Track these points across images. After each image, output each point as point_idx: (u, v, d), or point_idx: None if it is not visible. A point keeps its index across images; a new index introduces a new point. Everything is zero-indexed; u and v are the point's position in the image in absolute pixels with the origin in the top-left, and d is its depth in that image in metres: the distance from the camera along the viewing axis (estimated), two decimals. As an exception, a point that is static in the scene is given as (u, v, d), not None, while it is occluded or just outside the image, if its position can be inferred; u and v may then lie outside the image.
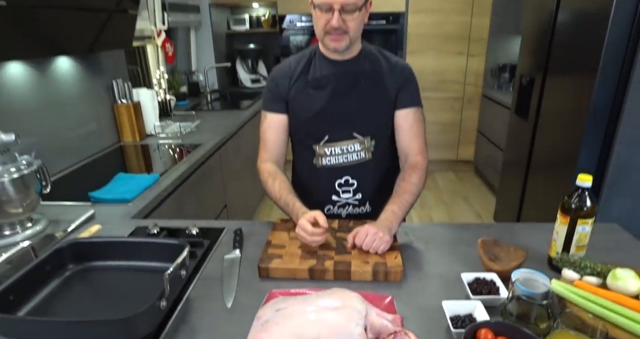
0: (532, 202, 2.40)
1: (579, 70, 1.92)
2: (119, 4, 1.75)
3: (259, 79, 3.98)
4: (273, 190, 1.15)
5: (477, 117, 3.75)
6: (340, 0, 1.01)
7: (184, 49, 3.57)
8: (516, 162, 2.58)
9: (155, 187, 1.50)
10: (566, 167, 2.00)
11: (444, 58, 3.59)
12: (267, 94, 1.22)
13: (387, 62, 1.19)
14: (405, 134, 1.19)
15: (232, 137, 2.39)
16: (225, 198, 2.28)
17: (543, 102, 2.25)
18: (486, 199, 3.43)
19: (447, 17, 3.47)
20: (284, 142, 1.24)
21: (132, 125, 2.08)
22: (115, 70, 2.10)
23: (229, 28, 4.00)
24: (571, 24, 1.98)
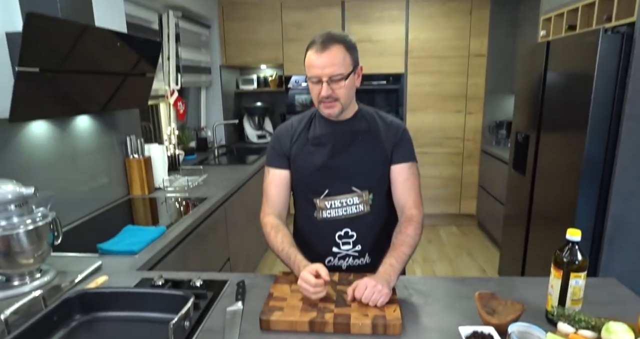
0: (535, 256, 2.40)
1: (570, 128, 2.02)
2: (136, 67, 1.91)
3: (264, 135, 4.14)
4: (275, 242, 1.19)
5: (477, 171, 3.83)
6: (326, 72, 1.12)
7: (194, 106, 3.78)
8: (517, 216, 2.61)
9: (162, 239, 1.54)
10: (565, 221, 2.03)
11: (443, 115, 3.76)
12: (271, 150, 1.31)
13: (382, 121, 1.28)
14: (401, 187, 1.24)
15: (238, 191, 2.46)
16: (228, 251, 2.30)
17: (539, 158, 2.32)
18: (490, 253, 3.40)
19: (444, 78, 3.69)
20: (286, 196, 1.30)
21: (141, 179, 2.17)
22: (129, 126, 2.23)
23: (238, 87, 4.24)
24: (559, 85, 2.12)
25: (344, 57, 1.14)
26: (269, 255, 3.34)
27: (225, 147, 3.87)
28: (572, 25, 2.23)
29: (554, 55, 2.17)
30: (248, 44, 3.80)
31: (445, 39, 3.62)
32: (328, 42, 1.12)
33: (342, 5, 3.64)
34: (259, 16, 3.73)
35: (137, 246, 1.42)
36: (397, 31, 3.61)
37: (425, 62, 3.68)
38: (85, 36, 1.50)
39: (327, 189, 1.23)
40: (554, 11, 2.40)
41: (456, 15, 3.57)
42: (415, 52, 3.66)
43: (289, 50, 3.77)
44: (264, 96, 4.33)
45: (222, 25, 3.77)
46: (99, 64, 1.65)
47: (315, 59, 1.13)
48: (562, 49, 2.09)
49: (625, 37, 1.76)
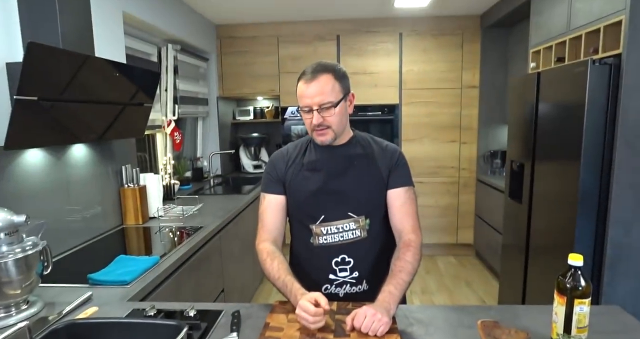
0: (535, 285, 2.35)
1: (563, 156, 2.04)
2: (134, 97, 1.93)
3: (260, 165, 4.15)
4: (272, 270, 1.16)
5: (473, 201, 3.83)
6: (316, 101, 1.14)
7: (191, 136, 3.80)
8: (515, 245, 2.59)
9: (155, 269, 1.50)
10: (564, 249, 2.01)
11: (438, 145, 3.80)
12: (266, 176, 1.30)
13: (377, 146, 1.29)
14: (398, 212, 1.23)
15: (233, 221, 2.43)
16: (223, 282, 2.24)
17: (535, 186, 2.33)
18: (489, 283, 3.34)
19: (438, 109, 3.76)
20: (282, 222, 1.29)
21: (136, 208, 2.14)
22: (125, 155, 2.22)
23: (235, 118, 4.29)
24: (551, 114, 2.16)
25: (333, 85, 1.16)
26: (264, 286, 3.26)
27: (220, 177, 3.86)
28: (560, 57, 2.30)
29: (545, 86, 2.22)
30: (245, 76, 3.88)
31: (438, 71, 3.72)
32: (317, 72, 1.15)
33: (337, 39, 3.76)
34: (256, 50, 3.83)
35: (129, 276, 1.38)
36: (391, 63, 3.71)
37: (419, 94, 3.76)
38: (85, 66, 1.53)
39: (323, 215, 1.22)
40: (542, 44, 2.49)
41: (448, 48, 3.69)
42: (409, 83, 3.75)
43: (285, 82, 3.85)
44: (260, 126, 4.38)
45: (220, 58, 3.87)
46: (98, 93, 1.67)
47: (305, 89, 1.15)
48: (553, 80, 2.15)
49: (612, 68, 1.82)
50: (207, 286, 2.00)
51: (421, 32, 3.69)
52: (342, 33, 3.75)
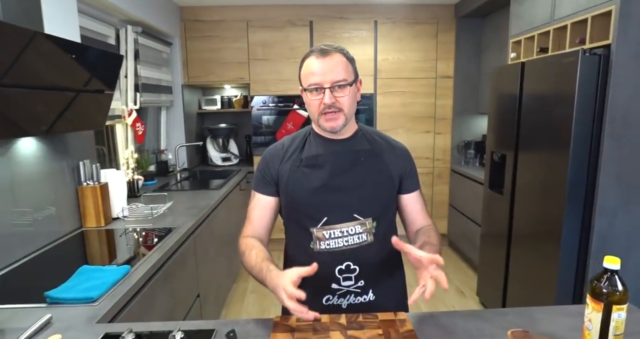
0: (517, 275, 2.35)
1: (550, 146, 2.01)
2: (92, 83, 1.69)
3: (229, 158, 3.94)
4: (249, 260, 1.04)
5: (447, 191, 3.83)
6: (329, 78, 1.02)
7: (154, 127, 3.52)
8: (496, 235, 2.58)
9: (126, 281, 1.31)
10: (550, 239, 2.00)
11: (413, 136, 3.75)
12: (258, 174, 1.17)
13: (385, 142, 1.18)
14: (420, 213, 1.18)
15: (207, 219, 2.25)
16: (198, 287, 2.06)
17: (518, 177, 2.31)
18: (465, 273, 3.35)
19: (413, 99, 3.70)
20: (270, 221, 1.17)
21: (97, 208, 1.91)
22: (83, 150, 1.97)
23: (201, 108, 4.03)
24: (536, 105, 2.13)
25: (347, 64, 1.05)
26: (238, 285, 3.09)
27: (187, 171, 3.62)
28: (543, 47, 2.27)
29: (530, 76, 2.19)
30: (212, 63, 3.64)
31: (413, 60, 3.65)
32: (328, 50, 1.04)
33: (310, 25, 3.59)
34: (224, 35, 3.59)
35: (96, 291, 1.19)
36: (366, 52, 3.59)
37: (394, 83, 3.68)
38: (32, 45, 1.29)
39: (326, 217, 1.08)
40: (524, 34, 2.45)
41: (423, 37, 3.62)
42: (384, 73, 3.66)
43: (255, 70, 3.64)
44: (228, 116, 4.15)
45: (184, 43, 3.59)
46: (48, 78, 1.43)
47: (316, 65, 1.02)
48: (538, 70, 2.12)
49: (602, 59, 1.79)
50: (182, 293, 1.82)
51: (396, 20, 3.60)
52: (315, 19, 3.59)
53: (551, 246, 2.00)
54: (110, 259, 1.62)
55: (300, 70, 1.08)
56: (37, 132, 1.50)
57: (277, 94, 3.67)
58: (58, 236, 1.77)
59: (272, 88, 3.66)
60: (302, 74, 1.07)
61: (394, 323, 0.97)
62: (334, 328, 0.94)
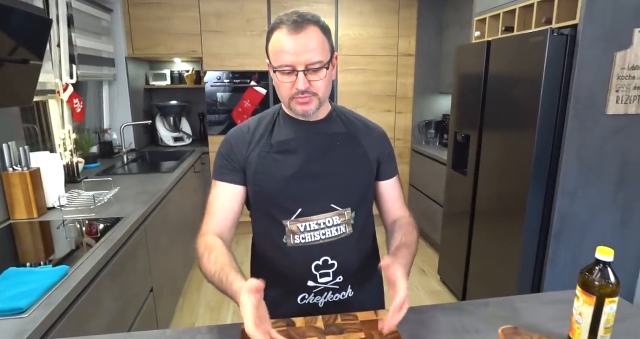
0: (479, 254, 2.38)
1: (515, 127, 2.00)
2: (14, 52, 1.43)
3: (182, 137, 3.68)
4: (207, 265, 0.89)
5: (408, 171, 3.83)
6: (302, 60, 0.88)
7: (95, 104, 3.19)
8: (458, 215, 2.59)
9: (64, 284, 1.13)
10: (513, 219, 2.02)
11: (374, 115, 3.67)
12: (220, 160, 1.01)
13: (361, 123, 1.08)
14: (396, 201, 1.09)
15: (159, 205, 2.06)
16: (151, 280, 1.89)
17: (482, 157, 2.31)
18: (426, 252, 3.40)
19: (374, 77, 3.61)
20: (235, 214, 1.02)
21: (27, 198, 1.67)
22: (6, 131, 1.70)
23: (148, 83, 3.70)
24: (502, 84, 2.10)
25: (323, 41, 0.90)
26: (195, 272, 2.93)
27: (135, 151, 3.34)
28: (508, 26, 2.23)
29: (496, 55, 2.15)
30: (159, 34, 3.31)
31: (374, 37, 3.54)
32: (302, 23, 0.88)
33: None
34: (173, 2, 3.27)
35: (25, 299, 1.01)
36: (326, 26, 3.42)
37: (356, 60, 3.56)
38: None
39: (300, 208, 0.97)
40: (488, 12, 2.40)
41: (385, 13, 3.50)
42: (346, 49, 3.52)
43: (208, 42, 3.37)
44: (179, 93, 3.86)
45: (127, 9, 3.23)
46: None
47: (287, 43, 0.87)
48: (504, 49, 2.08)
49: (569, 39, 1.77)
50: (133, 289, 1.65)
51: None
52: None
53: (514, 225, 2.02)
54: (46, 257, 1.41)
55: (268, 43, 0.92)
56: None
57: (232, 70, 3.44)
58: (-20, 231, 1.53)
59: (227, 63, 3.42)
60: (271, 49, 0.91)
61: (376, 324, 0.88)
62: (311, 334, 0.85)
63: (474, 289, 2.46)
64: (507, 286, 2.09)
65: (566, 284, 1.98)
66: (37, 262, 1.30)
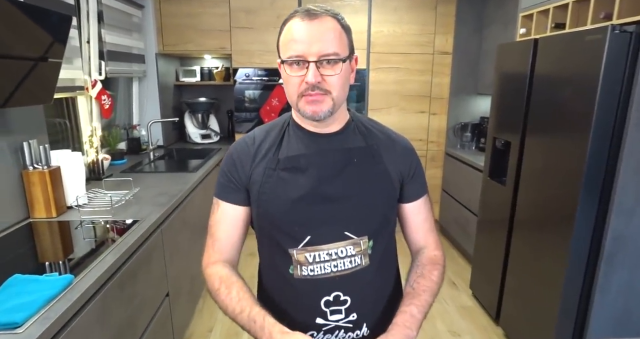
0: (517, 270, 2.19)
1: (565, 133, 1.80)
2: (33, 48, 1.40)
3: (209, 135, 3.65)
4: (229, 302, 0.81)
5: (440, 175, 3.64)
6: (315, 49, 0.76)
7: (125, 100, 3.20)
8: (495, 225, 2.40)
9: (68, 295, 1.07)
10: (558, 234, 1.83)
11: (406, 116, 3.51)
12: (222, 177, 0.91)
13: (384, 136, 0.94)
14: (420, 228, 0.95)
15: (179, 207, 2.00)
16: (167, 284, 1.84)
17: (523, 166, 2.11)
18: (457, 263, 3.21)
19: (408, 76, 3.44)
20: (241, 240, 0.93)
21: (46, 196, 1.64)
22: (28, 129, 1.68)
23: (178, 79, 3.70)
24: (550, 87, 1.90)
25: (340, 33, 0.79)
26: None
27: (163, 148, 3.33)
28: (559, 23, 2.03)
29: (544, 55, 1.95)
30: (190, 30, 3.28)
31: (409, 34, 3.36)
32: (318, 13, 0.77)
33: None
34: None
35: (22, 312, 0.95)
36: (359, 23, 3.28)
37: (388, 58, 3.40)
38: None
39: (309, 235, 0.85)
40: (536, 7, 2.20)
41: (421, 9, 3.32)
42: (378, 47, 3.36)
43: (237, 39, 3.31)
44: (209, 89, 3.83)
45: (158, 5, 3.22)
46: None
47: (300, 30, 0.76)
48: (555, 48, 1.88)
49: (633, 37, 1.56)
50: (146, 294, 1.59)
51: (393, -13, 3.28)
52: (305, -17, 3.24)
53: (559, 241, 1.83)
54: (63, 256, 1.37)
55: (280, 36, 0.82)
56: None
57: (262, 67, 3.36)
58: (0, 229, 1.52)
59: (256, 60, 3.35)
60: (282, 41, 0.81)
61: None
62: None
63: (509, 307, 2.27)
64: (547, 308, 1.90)
65: (618, 316, 1.78)
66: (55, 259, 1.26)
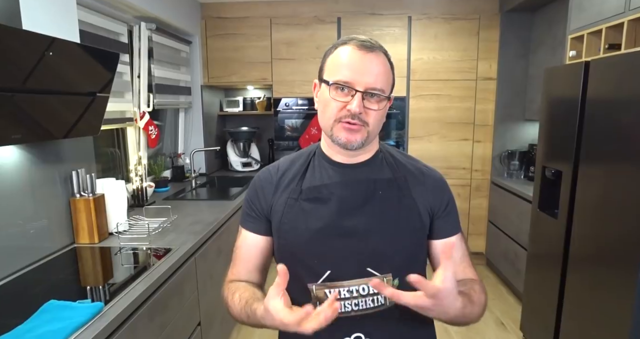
0: (574, 311, 1.97)
1: (623, 162, 1.64)
2: (81, 85, 1.49)
3: (250, 163, 3.73)
4: (233, 307, 0.81)
5: (486, 205, 3.45)
6: (365, 81, 0.76)
7: (171, 130, 3.36)
8: (547, 261, 2.21)
9: (97, 323, 1.08)
10: (622, 272, 1.63)
11: (448, 144, 3.40)
12: (245, 205, 0.91)
13: (413, 167, 0.89)
14: (458, 266, 0.87)
15: (214, 235, 2.02)
16: (199, 313, 1.83)
17: (577, 197, 1.94)
18: (506, 301, 2.97)
19: (449, 103, 3.35)
20: (263, 264, 0.91)
21: (90, 223, 1.72)
22: (78, 158, 1.79)
23: (222, 110, 3.84)
24: (604, 112, 1.76)
25: (388, 72, 0.79)
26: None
27: (205, 176, 3.43)
28: (613, 44, 1.90)
29: (596, 78, 1.82)
30: (233, 63, 3.43)
31: (450, 60, 3.30)
32: (373, 45, 0.78)
33: (338, 22, 3.31)
34: (246, 33, 3.38)
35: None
36: (398, 51, 3.28)
37: (429, 85, 3.35)
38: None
39: (329, 270, 0.81)
40: (587, 28, 2.08)
41: (462, 35, 3.27)
42: (418, 74, 3.33)
43: (278, 70, 3.41)
44: (250, 119, 3.94)
45: (204, 41, 3.41)
46: (19, 79, 1.23)
47: (354, 58, 0.76)
48: (608, 71, 1.75)
49: (698, 56, 1.42)
50: (177, 323, 1.59)
51: (432, 15, 3.26)
52: (344, 15, 3.31)
53: (622, 283, 1.64)
54: (102, 281, 1.41)
55: (327, 58, 0.82)
56: (11, 141, 1.30)
57: (301, 96, 3.42)
58: (47, 253, 1.59)
59: (296, 90, 3.42)
60: (330, 62, 0.81)
61: None
62: None
63: (566, 355, 2.04)
64: (611, 360, 1.69)
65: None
66: (95, 283, 1.30)
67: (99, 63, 1.53)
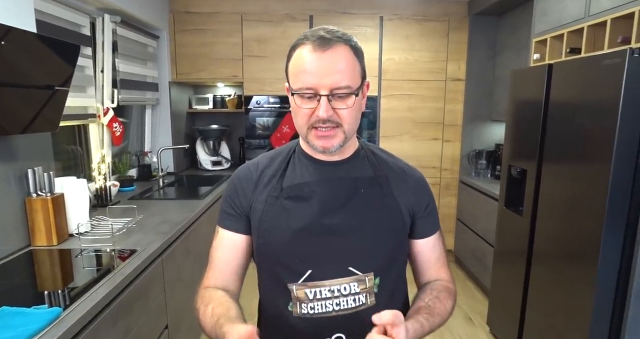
0: (539, 305, 2.04)
1: (584, 161, 1.71)
2: (38, 78, 1.41)
3: (220, 162, 3.65)
4: (204, 320, 0.76)
5: (455, 204, 3.53)
6: (328, 83, 0.72)
7: (138, 128, 3.24)
8: (512, 257, 2.28)
9: (52, 330, 1.01)
10: (582, 268, 1.71)
11: (419, 143, 3.45)
12: (224, 203, 0.87)
13: (395, 166, 0.88)
14: (433, 265, 0.89)
15: (182, 236, 1.96)
16: (166, 317, 1.77)
17: (541, 195, 2.01)
18: (473, 297, 3.05)
19: (420, 103, 3.41)
20: (240, 266, 0.88)
21: (48, 224, 1.62)
22: (34, 155, 1.69)
23: (191, 107, 3.75)
24: (566, 113, 1.83)
25: (354, 63, 0.75)
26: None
27: (173, 175, 3.34)
28: (574, 48, 1.98)
29: (559, 80, 1.89)
30: (202, 59, 3.35)
31: (421, 61, 3.36)
32: (330, 40, 0.73)
33: (310, 20, 3.30)
34: (216, 29, 3.31)
35: (1, 350, 0.90)
36: (370, 51, 3.29)
37: (400, 85, 3.39)
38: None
39: (310, 270, 0.79)
40: (550, 32, 2.16)
41: (433, 36, 3.33)
42: (390, 74, 3.36)
43: (249, 68, 3.36)
44: (221, 117, 3.86)
45: (172, 36, 3.31)
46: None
47: (310, 61, 0.72)
48: (570, 73, 1.82)
49: (653, 60, 1.49)
50: (143, 327, 1.53)
51: (404, 16, 3.30)
52: (316, 13, 3.30)
53: (583, 274, 1.71)
54: (62, 285, 1.33)
55: (289, 61, 0.78)
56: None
57: (273, 94, 3.39)
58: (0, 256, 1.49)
59: (267, 87, 3.38)
60: (291, 70, 0.77)
61: None
62: None
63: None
64: (573, 351, 1.75)
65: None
66: (54, 288, 1.22)
67: (58, 55, 1.45)
